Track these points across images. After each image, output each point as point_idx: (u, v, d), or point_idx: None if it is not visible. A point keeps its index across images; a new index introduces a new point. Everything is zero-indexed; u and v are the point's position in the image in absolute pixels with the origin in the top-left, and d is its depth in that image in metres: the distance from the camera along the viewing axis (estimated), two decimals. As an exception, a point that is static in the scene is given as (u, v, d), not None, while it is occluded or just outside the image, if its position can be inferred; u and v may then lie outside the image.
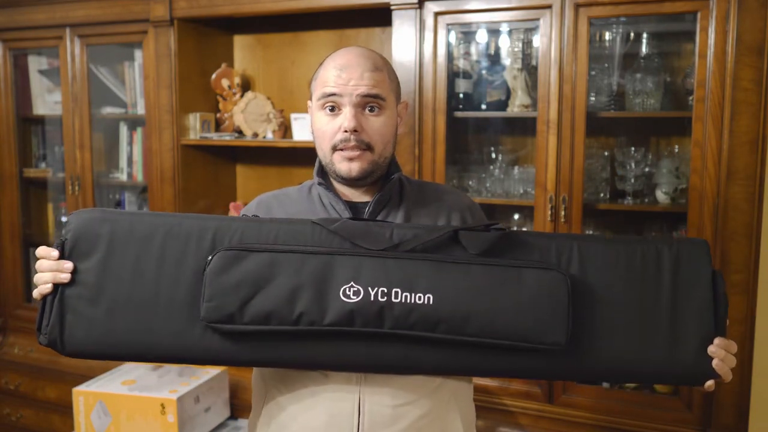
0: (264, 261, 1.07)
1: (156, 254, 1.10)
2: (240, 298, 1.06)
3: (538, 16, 2.13)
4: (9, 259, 3.19)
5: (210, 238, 1.10)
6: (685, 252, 1.12)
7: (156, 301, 1.10)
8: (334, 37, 2.76)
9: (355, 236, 1.09)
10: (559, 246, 1.11)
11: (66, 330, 1.10)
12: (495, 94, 2.41)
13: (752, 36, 1.89)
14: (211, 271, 1.07)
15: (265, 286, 1.06)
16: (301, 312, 1.06)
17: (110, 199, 3.11)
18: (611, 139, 2.39)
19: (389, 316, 1.05)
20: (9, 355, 3.13)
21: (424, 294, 1.05)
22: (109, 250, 1.10)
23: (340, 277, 1.06)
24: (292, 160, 2.84)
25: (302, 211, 1.29)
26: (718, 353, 1.10)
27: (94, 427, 2.39)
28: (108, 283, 1.10)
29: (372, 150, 1.23)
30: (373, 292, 1.05)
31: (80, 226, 1.12)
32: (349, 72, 1.21)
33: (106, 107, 3.01)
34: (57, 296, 1.10)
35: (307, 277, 1.06)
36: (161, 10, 2.64)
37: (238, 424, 2.58)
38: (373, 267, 1.06)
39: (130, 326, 1.10)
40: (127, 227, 1.11)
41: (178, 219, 1.13)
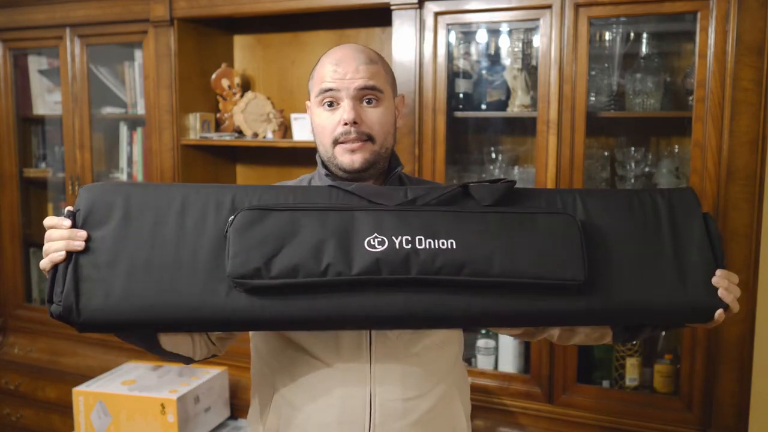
0: (286, 218, 1.08)
1: (175, 219, 1.09)
2: (265, 253, 1.05)
3: (538, 16, 2.13)
4: (9, 259, 3.19)
5: (229, 202, 1.11)
6: (677, 198, 1.21)
7: (178, 264, 1.07)
8: (334, 37, 2.76)
9: (371, 195, 1.13)
10: (563, 197, 1.19)
11: (82, 297, 1.04)
12: (495, 94, 2.41)
13: (752, 36, 1.89)
14: (234, 229, 1.07)
15: (289, 241, 1.06)
16: (329, 263, 1.06)
17: (110, 199, 3.11)
18: (611, 139, 2.39)
19: (415, 261, 1.06)
20: (9, 355, 3.13)
21: (446, 239, 1.08)
22: (125, 217, 1.08)
23: (363, 230, 1.08)
24: (292, 160, 2.84)
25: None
26: (721, 282, 1.16)
27: (94, 427, 2.39)
28: (125, 248, 1.07)
29: (373, 141, 1.24)
30: (397, 240, 1.07)
31: (93, 197, 1.10)
32: (345, 66, 1.23)
33: (106, 107, 3.01)
34: (70, 264, 1.05)
35: (330, 231, 1.07)
36: (161, 10, 2.64)
37: (238, 424, 2.58)
38: (393, 219, 1.09)
39: (151, 288, 1.06)
40: (143, 195, 1.11)
41: (195, 187, 1.13)
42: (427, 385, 1.25)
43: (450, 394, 1.30)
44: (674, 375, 2.16)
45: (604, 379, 2.26)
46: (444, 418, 1.28)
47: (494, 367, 2.36)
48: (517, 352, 2.32)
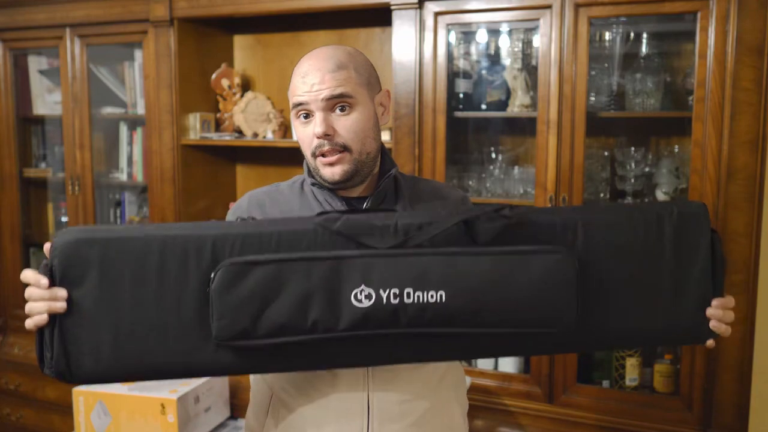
0: (270, 272, 1.04)
1: (154, 274, 1.04)
2: (251, 313, 1.03)
3: (538, 16, 2.13)
4: (9, 259, 3.20)
5: (209, 250, 1.05)
6: (685, 218, 1.15)
7: (163, 324, 1.05)
8: (334, 37, 2.76)
9: (360, 234, 1.06)
10: (565, 223, 1.12)
11: (72, 360, 1.04)
12: (495, 94, 2.41)
13: (752, 36, 1.89)
14: (216, 289, 1.03)
15: (275, 297, 1.03)
16: (315, 320, 1.04)
17: (110, 199, 3.11)
18: (611, 139, 2.39)
19: (404, 316, 1.04)
20: (9, 355, 3.13)
21: (436, 291, 1.04)
22: (102, 275, 1.04)
23: (350, 281, 1.04)
24: (292, 160, 2.83)
25: (296, 209, 1.29)
26: (715, 314, 1.14)
27: (94, 427, 2.39)
28: (107, 308, 1.04)
29: (350, 150, 1.21)
30: (385, 294, 1.04)
31: (66, 250, 1.04)
32: (311, 77, 1.21)
33: (106, 107, 3.01)
34: (56, 327, 1.03)
35: (316, 283, 1.04)
36: (161, 10, 2.64)
37: (238, 424, 2.58)
38: (382, 267, 1.05)
39: (139, 350, 1.05)
40: (117, 247, 1.04)
41: (172, 231, 1.07)
42: (424, 386, 1.26)
43: (447, 396, 1.31)
44: (674, 375, 2.16)
45: (604, 379, 2.26)
46: (441, 419, 1.29)
47: (494, 367, 2.36)
48: (517, 352, 2.32)
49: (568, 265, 1.07)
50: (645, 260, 1.13)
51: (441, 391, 1.29)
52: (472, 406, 1.45)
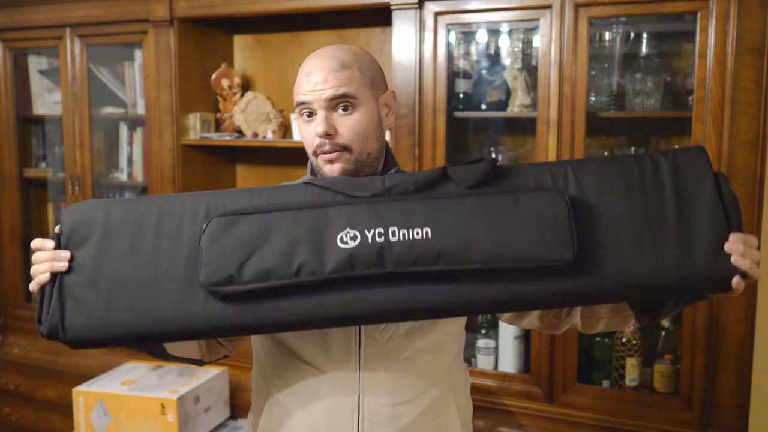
0: (258, 221, 1.07)
1: (151, 233, 1.10)
2: (237, 259, 1.05)
3: (538, 16, 2.13)
4: (9, 259, 3.20)
5: (203, 212, 1.10)
6: (683, 159, 1.10)
7: (154, 278, 1.09)
8: (334, 37, 2.76)
9: (346, 188, 1.10)
10: (553, 171, 1.10)
11: (66, 317, 1.09)
12: (495, 94, 2.41)
13: (752, 36, 1.89)
14: (206, 238, 1.07)
15: (261, 245, 1.06)
16: (300, 264, 1.04)
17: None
18: (611, 139, 2.39)
19: (389, 255, 1.03)
20: (9, 355, 3.13)
21: (421, 228, 1.04)
22: (104, 235, 1.10)
23: (335, 226, 1.06)
24: (292, 160, 2.84)
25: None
26: (735, 248, 1.06)
27: (94, 427, 2.39)
28: (105, 266, 1.09)
29: (350, 150, 1.21)
30: (370, 234, 1.04)
31: (75, 216, 1.12)
32: (315, 76, 1.21)
33: (106, 107, 3.01)
34: (55, 285, 1.09)
35: (302, 230, 1.06)
36: (161, 10, 2.64)
37: (238, 424, 2.58)
38: (367, 212, 1.06)
39: (131, 305, 1.08)
40: (121, 211, 1.12)
41: (171, 198, 1.14)
42: (417, 390, 1.23)
43: (443, 399, 1.27)
44: (674, 375, 2.16)
45: (604, 379, 2.26)
46: (436, 423, 1.26)
47: (494, 367, 2.36)
48: (517, 351, 2.32)
49: (558, 200, 1.05)
50: (644, 205, 1.07)
51: (437, 395, 1.26)
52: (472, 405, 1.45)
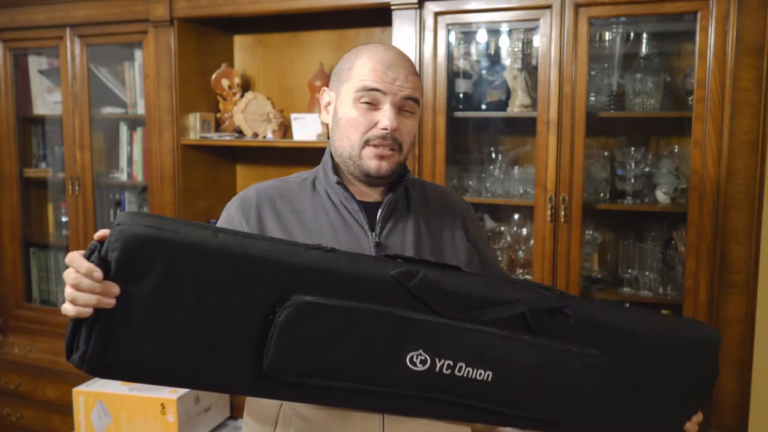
0: (338, 318, 1.01)
1: (219, 291, 0.98)
2: (309, 356, 1.00)
3: (538, 16, 2.13)
4: (9, 259, 3.19)
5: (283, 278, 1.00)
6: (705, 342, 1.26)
7: (212, 341, 0.99)
8: (334, 37, 2.76)
9: (430, 298, 1.07)
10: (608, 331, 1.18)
11: (109, 359, 0.95)
12: (495, 94, 2.41)
13: (752, 36, 1.89)
14: (281, 324, 0.99)
15: (336, 344, 1.01)
16: (367, 373, 1.04)
17: (110, 199, 3.11)
18: (611, 139, 2.39)
19: (450, 388, 1.08)
20: (9, 355, 3.13)
21: (485, 371, 1.08)
22: (165, 280, 0.95)
23: (410, 342, 1.05)
24: (292, 160, 2.84)
25: (309, 209, 1.26)
26: (692, 428, 1.27)
27: (94, 427, 2.39)
28: (159, 316, 0.96)
29: (401, 151, 1.24)
30: (439, 363, 1.06)
31: (131, 245, 0.94)
32: (395, 71, 1.21)
33: (106, 107, 3.01)
34: (98, 322, 0.94)
35: (378, 338, 1.03)
36: (161, 10, 2.64)
37: (237, 424, 2.58)
38: (442, 336, 1.06)
39: (181, 364, 0.99)
40: (190, 256, 0.96)
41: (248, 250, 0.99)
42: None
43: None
44: (674, 375, 2.15)
45: (604, 379, 2.25)
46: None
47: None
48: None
49: (604, 372, 1.15)
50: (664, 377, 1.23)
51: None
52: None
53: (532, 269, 2.23)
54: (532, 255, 2.26)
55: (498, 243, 2.48)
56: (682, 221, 2.12)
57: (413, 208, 1.30)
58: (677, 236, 2.21)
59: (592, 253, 2.39)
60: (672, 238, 2.24)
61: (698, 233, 2.00)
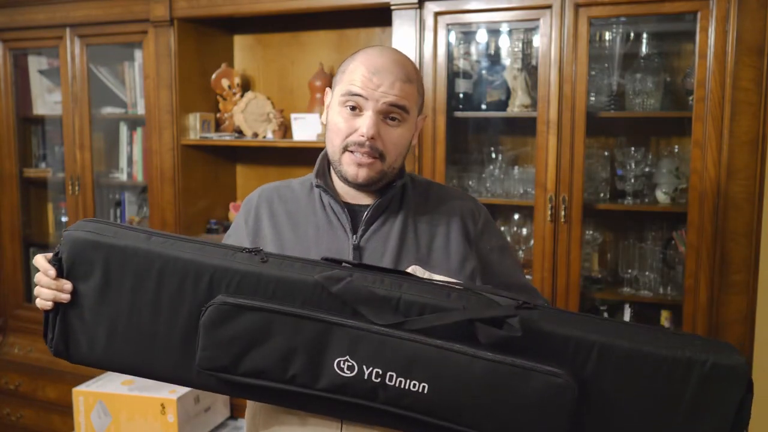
0: (259, 320, 1.03)
1: (152, 289, 1.09)
2: (233, 354, 1.04)
3: (538, 16, 2.13)
4: (9, 259, 3.19)
5: (207, 281, 1.06)
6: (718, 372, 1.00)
7: (153, 335, 1.10)
8: (334, 37, 2.76)
9: (358, 303, 1.03)
10: (580, 342, 1.01)
11: (70, 344, 1.13)
12: (495, 94, 2.41)
13: (752, 36, 1.89)
14: (205, 323, 1.04)
15: (258, 344, 1.03)
16: (294, 374, 1.03)
17: (110, 199, 3.11)
18: (611, 139, 2.39)
19: (382, 395, 1.01)
20: (9, 355, 3.13)
21: (419, 382, 0.99)
22: (104, 280, 1.10)
23: (335, 348, 1.01)
24: (292, 160, 2.84)
25: (301, 209, 1.28)
26: None
27: (94, 427, 2.39)
28: (105, 309, 1.11)
29: (383, 159, 1.21)
30: (367, 371, 1.00)
31: (74, 247, 1.11)
32: (381, 77, 1.18)
33: (106, 107, 3.01)
34: (59, 314, 1.12)
35: (301, 342, 1.02)
36: (161, 10, 2.64)
37: (238, 424, 2.58)
38: (370, 343, 1.00)
39: (130, 351, 1.11)
40: (121, 258, 1.09)
41: (174, 252, 1.08)
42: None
43: None
44: (674, 375, 2.15)
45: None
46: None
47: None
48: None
49: (567, 391, 0.97)
50: (656, 405, 1.01)
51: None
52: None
53: (532, 269, 2.23)
54: (532, 255, 2.26)
55: (498, 243, 2.48)
56: (682, 221, 2.12)
57: (405, 212, 1.27)
58: (677, 236, 2.21)
59: (592, 253, 2.39)
60: (672, 238, 2.24)
61: (698, 233, 2.00)
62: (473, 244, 1.28)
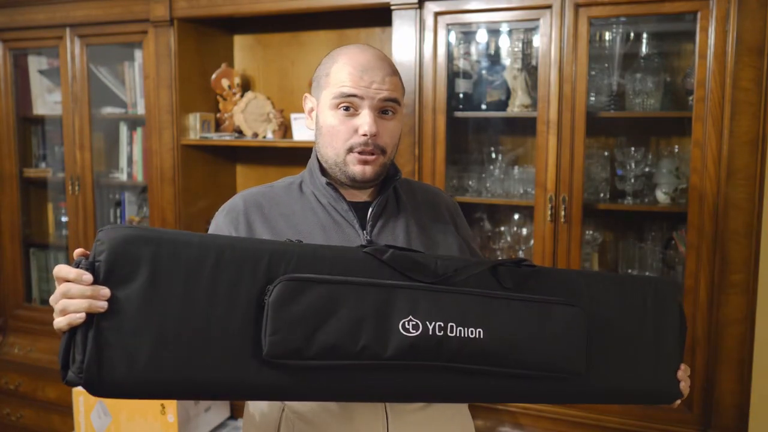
0: (326, 292, 1.03)
1: (207, 281, 1.00)
2: (305, 332, 1.01)
3: (538, 16, 2.13)
4: (9, 259, 3.19)
5: (265, 264, 1.03)
6: (661, 289, 1.28)
7: (207, 335, 0.99)
8: (334, 37, 2.76)
9: (406, 268, 1.10)
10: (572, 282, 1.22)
11: (105, 368, 0.93)
12: (495, 94, 2.41)
13: (752, 36, 1.89)
14: (273, 303, 0.99)
15: (329, 318, 1.02)
16: (364, 345, 1.03)
17: (110, 199, 3.11)
18: (611, 139, 2.39)
19: (446, 349, 1.07)
20: (9, 355, 3.13)
21: (476, 328, 1.09)
22: (152, 276, 0.97)
23: (399, 311, 1.06)
24: (292, 160, 2.84)
25: (297, 211, 1.28)
26: (684, 377, 1.25)
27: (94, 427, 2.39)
28: (152, 313, 0.96)
29: (384, 154, 1.23)
30: (431, 326, 1.06)
31: (116, 247, 0.96)
32: (371, 74, 1.20)
33: (106, 107, 3.01)
34: (92, 328, 0.93)
35: (368, 309, 1.05)
36: (161, 10, 2.64)
37: (237, 424, 2.58)
38: (427, 300, 1.08)
39: (178, 363, 0.97)
40: (173, 249, 0.99)
41: (230, 240, 1.05)
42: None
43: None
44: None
45: (604, 379, 2.25)
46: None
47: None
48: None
49: (581, 318, 1.16)
50: (633, 324, 1.24)
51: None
52: (471, 405, 1.45)
53: (532, 269, 2.23)
54: (532, 255, 2.26)
55: (498, 243, 2.48)
56: (682, 221, 2.12)
57: (402, 208, 1.31)
58: (677, 236, 2.21)
59: (592, 253, 2.39)
60: (672, 238, 2.24)
61: (698, 233, 2.00)
62: (460, 233, 1.38)
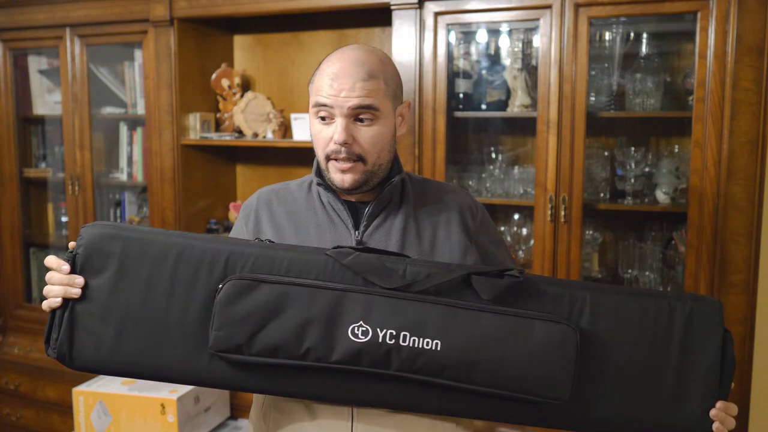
0: (275, 293, 1.06)
1: (167, 276, 1.09)
2: (248, 330, 1.05)
3: (538, 16, 2.13)
4: (9, 259, 3.19)
5: (222, 264, 1.09)
6: (698, 311, 1.10)
7: (165, 325, 1.09)
8: (334, 37, 2.76)
9: (367, 272, 1.08)
10: (573, 296, 1.10)
11: (75, 345, 1.10)
12: (495, 94, 2.41)
13: (752, 36, 1.89)
14: (221, 300, 1.06)
15: (274, 318, 1.05)
16: (309, 347, 1.05)
17: (110, 199, 3.11)
18: (611, 139, 2.39)
19: (396, 358, 1.04)
20: (9, 355, 3.13)
21: (432, 339, 1.04)
22: (120, 269, 1.09)
23: (349, 315, 1.05)
24: (292, 160, 2.84)
25: (301, 209, 1.29)
26: (719, 416, 1.09)
27: (94, 427, 2.39)
28: (118, 302, 1.09)
29: (364, 161, 1.21)
30: (381, 333, 1.04)
31: (92, 241, 1.10)
32: (341, 82, 1.17)
33: (106, 107, 3.01)
34: (67, 311, 1.09)
35: (316, 312, 1.05)
36: (161, 10, 2.64)
37: (238, 424, 2.58)
38: (383, 307, 1.06)
39: (139, 348, 1.10)
40: (139, 247, 1.10)
41: (191, 241, 1.11)
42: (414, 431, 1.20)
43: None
44: (674, 375, 2.15)
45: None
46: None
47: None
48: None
49: (570, 337, 1.05)
50: (650, 349, 1.09)
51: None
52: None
53: (532, 269, 2.23)
54: (532, 255, 2.26)
55: (498, 243, 2.48)
56: (682, 221, 2.12)
57: (406, 207, 1.28)
58: (677, 236, 2.21)
59: (592, 253, 2.39)
60: (672, 238, 2.24)
61: (698, 233, 2.00)
62: (473, 238, 1.31)
